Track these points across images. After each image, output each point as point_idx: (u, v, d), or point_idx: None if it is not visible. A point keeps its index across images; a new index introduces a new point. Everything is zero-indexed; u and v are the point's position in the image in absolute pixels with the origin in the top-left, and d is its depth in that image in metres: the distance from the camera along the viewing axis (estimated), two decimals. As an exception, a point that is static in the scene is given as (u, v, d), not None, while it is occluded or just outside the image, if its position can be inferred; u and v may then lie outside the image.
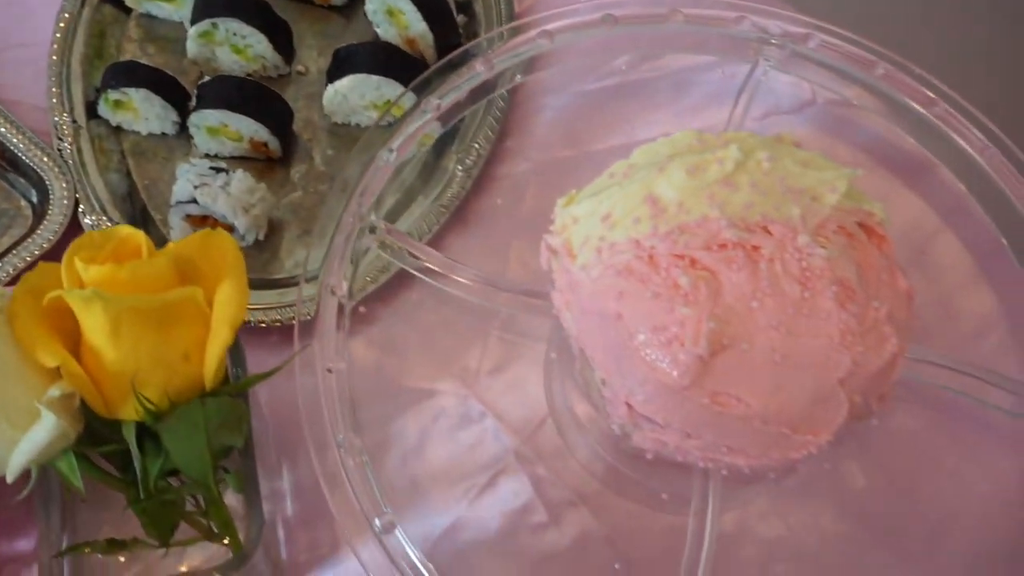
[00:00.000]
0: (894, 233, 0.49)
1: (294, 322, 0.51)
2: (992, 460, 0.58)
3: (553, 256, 0.50)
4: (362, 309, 0.56)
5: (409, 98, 0.59)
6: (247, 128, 0.60)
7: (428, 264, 0.54)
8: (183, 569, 0.49)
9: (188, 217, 0.59)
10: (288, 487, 0.55)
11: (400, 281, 0.59)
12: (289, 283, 0.59)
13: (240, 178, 0.58)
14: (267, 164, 0.63)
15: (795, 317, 0.44)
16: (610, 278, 0.46)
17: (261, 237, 0.60)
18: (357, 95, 0.62)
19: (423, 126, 0.56)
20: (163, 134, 0.64)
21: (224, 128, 0.61)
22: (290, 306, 0.57)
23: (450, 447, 0.56)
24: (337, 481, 0.47)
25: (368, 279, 0.58)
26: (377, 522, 0.47)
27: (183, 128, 0.63)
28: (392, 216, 0.60)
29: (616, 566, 0.54)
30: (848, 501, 0.57)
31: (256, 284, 0.56)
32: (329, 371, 0.49)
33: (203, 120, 0.60)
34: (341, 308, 0.51)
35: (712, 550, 0.49)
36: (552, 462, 0.56)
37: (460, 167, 0.62)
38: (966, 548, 0.55)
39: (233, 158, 0.63)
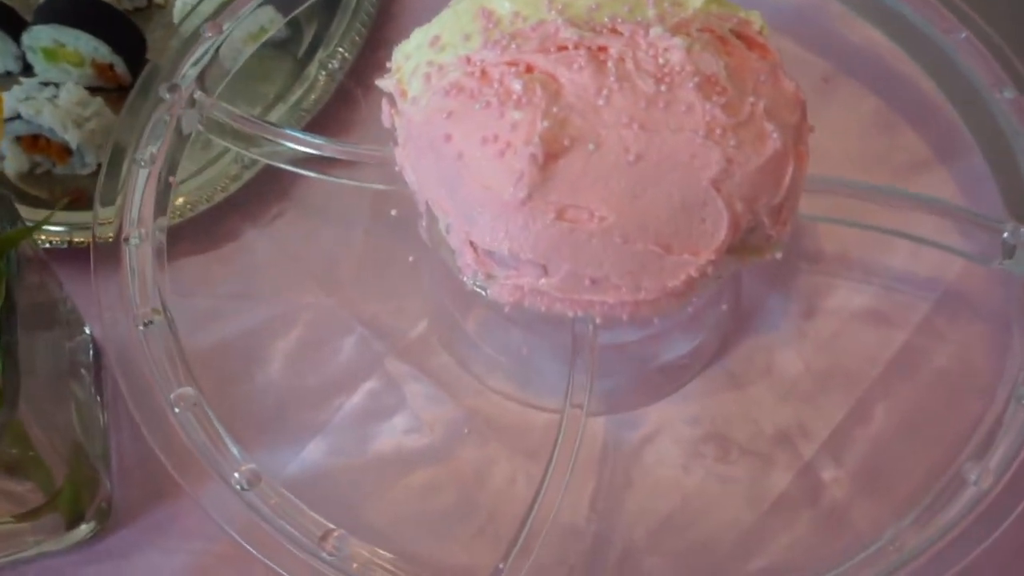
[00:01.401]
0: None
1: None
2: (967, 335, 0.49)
3: (393, 110, 0.44)
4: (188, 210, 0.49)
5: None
6: (86, 47, 0.55)
7: (266, 136, 0.47)
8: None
9: (19, 140, 0.53)
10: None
11: (249, 189, 0.52)
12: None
13: (70, 89, 0.53)
14: (114, 98, 0.58)
15: (649, 112, 0.37)
16: (438, 101, 0.39)
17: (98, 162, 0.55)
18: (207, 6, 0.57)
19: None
20: (7, 73, 0.59)
21: (62, 49, 0.56)
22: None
23: (321, 359, 0.49)
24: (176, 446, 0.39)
25: (219, 187, 0.52)
26: (236, 477, 0.39)
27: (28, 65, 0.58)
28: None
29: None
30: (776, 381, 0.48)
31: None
32: (147, 324, 0.42)
33: (36, 40, 0.56)
34: (158, 181, 0.45)
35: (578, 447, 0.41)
36: (426, 364, 0.49)
37: (324, 71, 0.56)
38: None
39: (83, 90, 0.58)
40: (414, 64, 0.42)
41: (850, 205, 0.47)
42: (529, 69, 0.38)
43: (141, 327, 0.42)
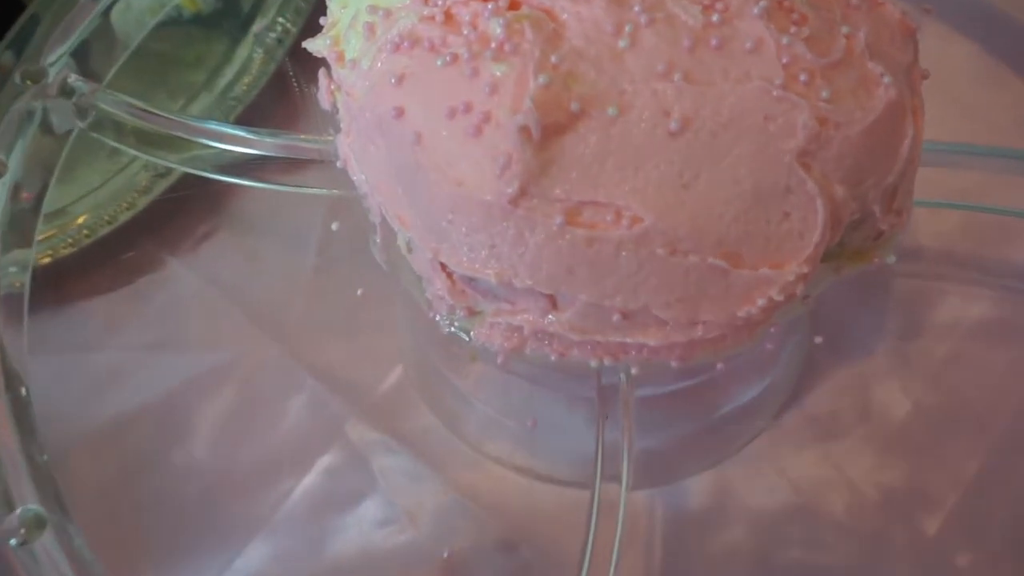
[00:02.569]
0: None
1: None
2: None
3: (331, 83, 0.31)
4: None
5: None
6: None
7: (179, 134, 0.35)
8: None
9: None
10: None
11: (164, 205, 0.40)
12: None
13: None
14: None
15: (697, 54, 0.24)
16: (386, 60, 0.27)
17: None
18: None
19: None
20: None
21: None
22: None
23: (262, 428, 0.37)
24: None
25: (124, 204, 0.40)
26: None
27: None
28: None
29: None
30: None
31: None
32: None
33: None
34: (11, 199, 0.32)
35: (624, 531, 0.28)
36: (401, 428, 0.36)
37: (260, 49, 0.44)
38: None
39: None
40: (352, 12, 0.29)
41: (960, 180, 0.34)
42: (513, 5, 0.26)
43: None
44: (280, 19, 0.45)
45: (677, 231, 0.24)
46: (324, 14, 0.43)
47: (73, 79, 0.35)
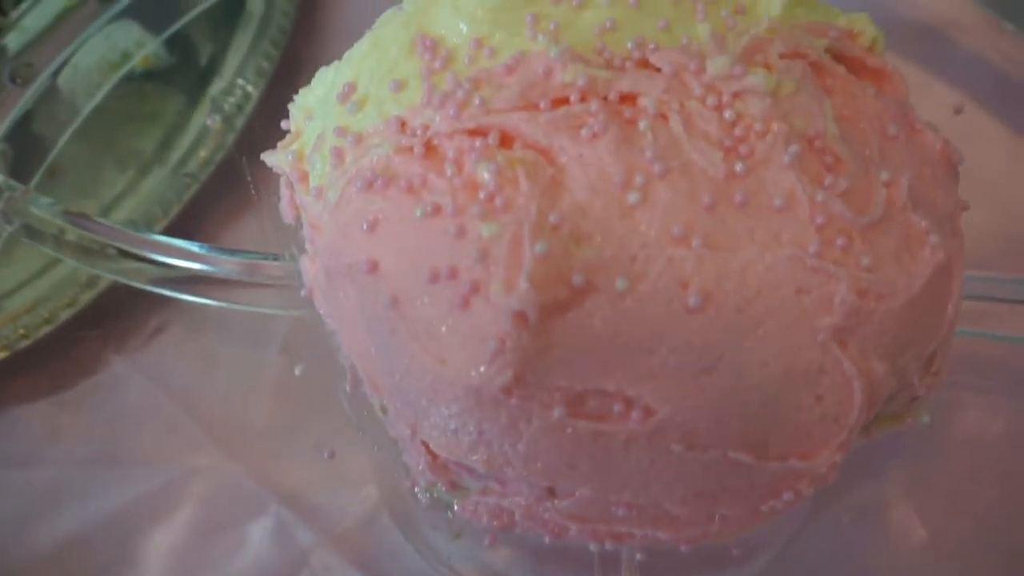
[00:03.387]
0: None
1: None
2: None
3: (293, 195, 0.27)
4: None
5: None
6: None
7: (116, 245, 0.31)
8: None
9: None
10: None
11: (109, 298, 0.36)
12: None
13: None
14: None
15: (719, 212, 0.21)
16: (356, 199, 0.23)
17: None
18: None
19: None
20: None
21: None
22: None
23: (220, 557, 0.33)
24: None
25: (64, 300, 0.36)
26: None
27: None
28: (113, 201, 0.38)
29: None
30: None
31: None
32: None
33: None
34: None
35: None
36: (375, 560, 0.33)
37: (217, 116, 0.40)
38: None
39: None
40: (318, 130, 0.25)
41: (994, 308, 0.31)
42: (505, 141, 0.22)
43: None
44: (240, 80, 0.41)
45: (696, 424, 0.21)
46: (288, 77, 0.39)
47: (1, 180, 0.30)
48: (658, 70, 0.23)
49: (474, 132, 0.22)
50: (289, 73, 0.42)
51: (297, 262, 0.28)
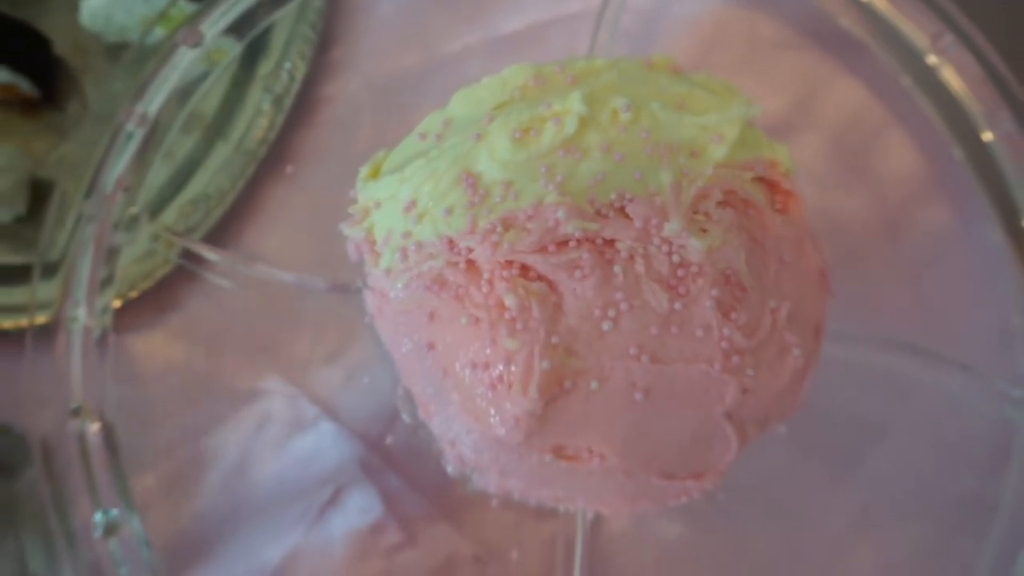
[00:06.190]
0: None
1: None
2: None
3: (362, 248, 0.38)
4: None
5: (187, 6, 0.44)
6: (-21, 73, 0.46)
7: (215, 261, 0.42)
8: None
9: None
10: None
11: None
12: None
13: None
14: (26, 110, 0.49)
15: (661, 338, 0.33)
16: (419, 292, 0.34)
17: (22, 211, 0.47)
18: (122, 10, 0.47)
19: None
20: None
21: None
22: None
23: (280, 461, 0.46)
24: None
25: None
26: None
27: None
28: (181, 175, 0.47)
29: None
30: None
31: (17, 273, 0.45)
32: (82, 424, 0.38)
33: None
34: (88, 333, 0.40)
35: (586, 557, 0.40)
36: (406, 469, 0.46)
37: (268, 96, 0.48)
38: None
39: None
40: (387, 225, 0.35)
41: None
42: (524, 271, 0.33)
43: (75, 429, 0.39)
44: (287, 63, 0.48)
45: (633, 465, 0.34)
46: (329, 51, 0.48)
47: (134, 211, 0.40)
48: (631, 221, 0.33)
49: (503, 264, 0.33)
50: (324, 53, 0.49)
51: (362, 292, 0.38)
